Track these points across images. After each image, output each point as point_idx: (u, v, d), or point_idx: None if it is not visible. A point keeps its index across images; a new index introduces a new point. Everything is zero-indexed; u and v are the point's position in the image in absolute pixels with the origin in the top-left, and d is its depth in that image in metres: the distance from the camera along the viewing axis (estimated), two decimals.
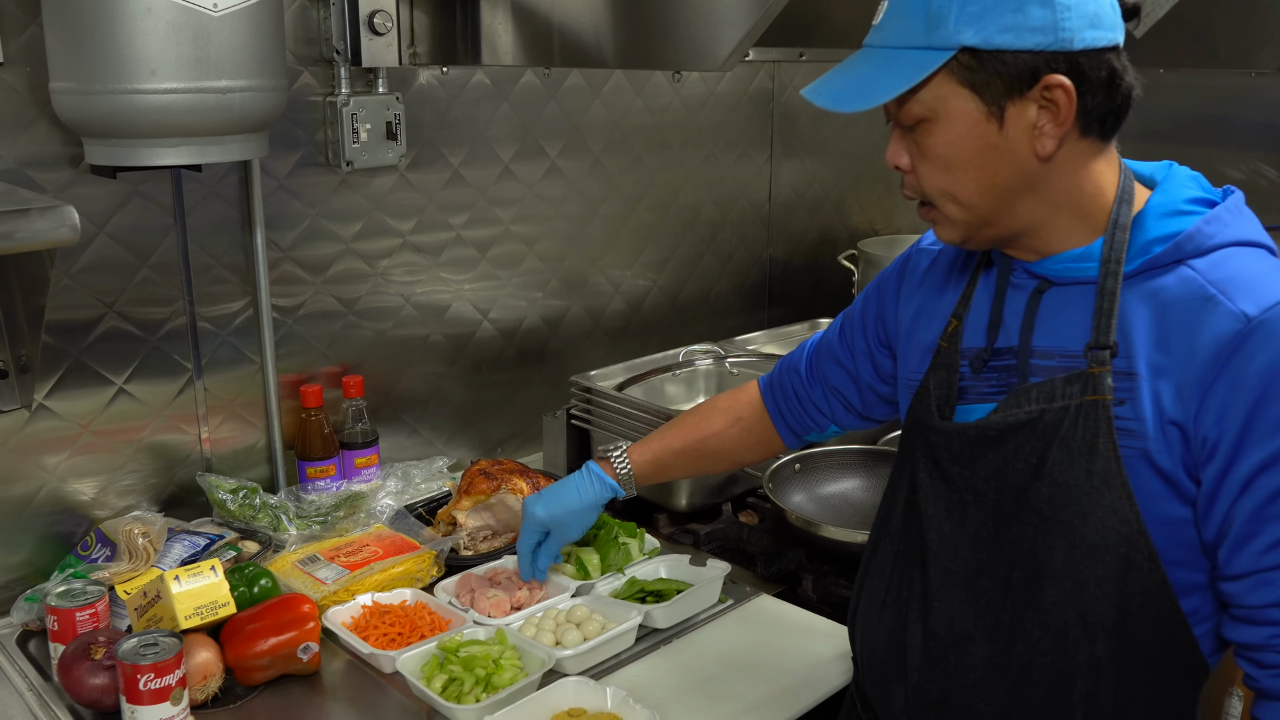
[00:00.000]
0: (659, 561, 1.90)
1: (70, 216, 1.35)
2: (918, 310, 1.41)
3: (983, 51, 1.13)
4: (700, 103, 2.73)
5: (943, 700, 1.31)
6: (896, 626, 1.36)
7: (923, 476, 1.33)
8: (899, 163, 1.24)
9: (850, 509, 2.16)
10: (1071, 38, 1.12)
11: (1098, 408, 1.17)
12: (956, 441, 1.28)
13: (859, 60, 1.22)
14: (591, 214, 2.57)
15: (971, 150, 1.18)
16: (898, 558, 1.38)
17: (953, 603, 1.29)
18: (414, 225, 2.24)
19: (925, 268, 1.43)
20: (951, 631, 1.29)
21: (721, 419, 1.72)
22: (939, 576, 1.31)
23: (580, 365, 2.53)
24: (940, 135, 1.18)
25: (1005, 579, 1.25)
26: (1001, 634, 1.26)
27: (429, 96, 2.20)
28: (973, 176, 1.19)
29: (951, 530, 1.30)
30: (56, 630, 1.60)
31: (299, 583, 1.78)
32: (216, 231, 1.97)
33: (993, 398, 1.27)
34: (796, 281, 3.15)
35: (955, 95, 1.16)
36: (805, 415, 1.65)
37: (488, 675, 1.53)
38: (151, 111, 1.59)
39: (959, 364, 1.31)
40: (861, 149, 3.23)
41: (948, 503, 1.30)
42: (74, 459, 1.88)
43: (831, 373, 1.60)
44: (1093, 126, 1.18)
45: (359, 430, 2.18)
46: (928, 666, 1.32)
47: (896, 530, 1.39)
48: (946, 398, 1.31)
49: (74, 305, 1.83)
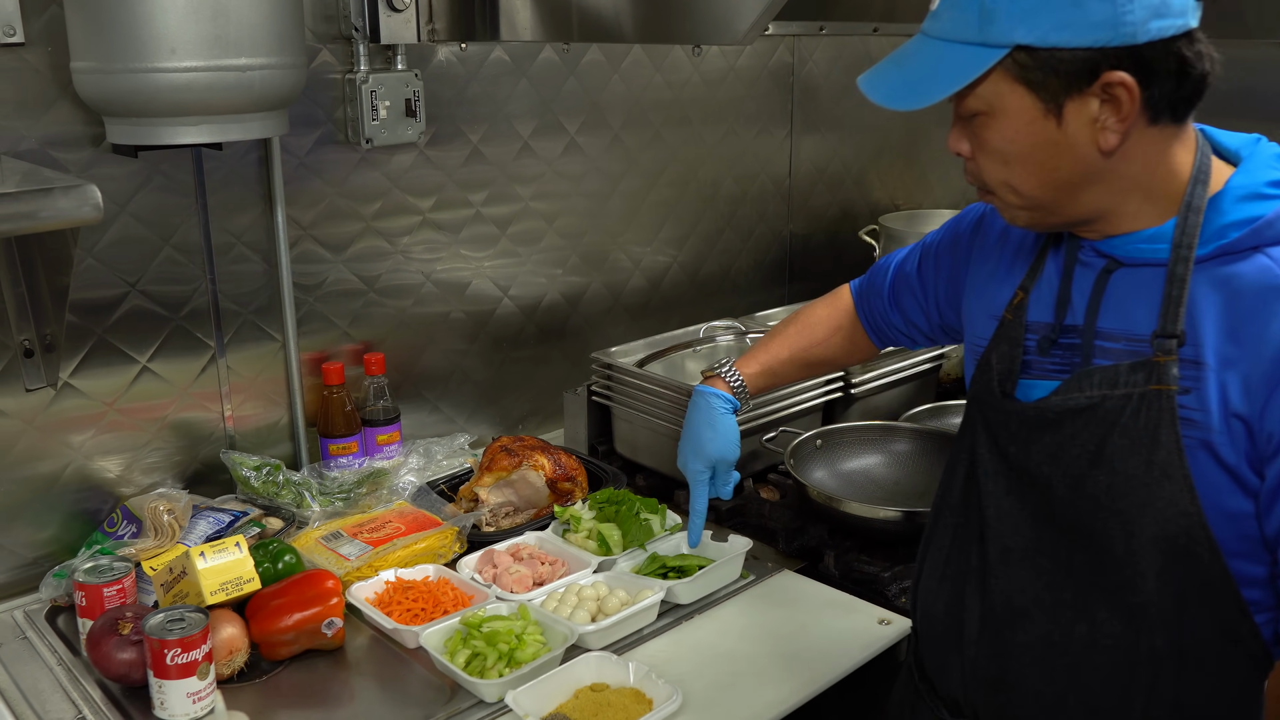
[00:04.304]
0: (681, 537, 1.90)
1: (93, 195, 1.36)
2: (989, 274, 1.38)
3: (1038, 49, 1.09)
4: (720, 77, 2.72)
5: (1000, 676, 1.29)
6: (954, 600, 1.35)
7: (982, 451, 1.31)
8: (959, 150, 1.22)
9: (872, 485, 2.16)
10: (1134, 31, 1.07)
11: (1161, 397, 1.14)
12: (1014, 421, 1.26)
13: (914, 51, 1.19)
14: (611, 190, 2.56)
15: (1030, 145, 1.15)
16: (957, 531, 1.36)
17: (1011, 579, 1.27)
18: (434, 203, 2.24)
19: (998, 231, 1.40)
20: (1009, 607, 1.27)
21: (824, 329, 1.75)
22: (998, 552, 1.28)
23: (601, 342, 2.53)
24: (997, 130, 1.16)
25: (1067, 560, 1.23)
26: (1062, 613, 1.23)
27: (448, 73, 2.19)
28: (1032, 170, 1.16)
29: (1010, 507, 1.27)
30: (84, 606, 1.62)
31: (322, 559, 1.79)
32: (238, 210, 1.97)
33: (1055, 376, 1.25)
34: (817, 257, 3.13)
35: (1011, 92, 1.13)
36: (892, 331, 1.68)
37: (511, 650, 1.54)
38: (172, 90, 1.59)
39: (1023, 338, 1.28)
40: (882, 123, 3.20)
41: (1006, 480, 1.28)
42: (99, 437, 1.89)
43: (908, 304, 1.61)
44: (1163, 114, 1.13)
45: (381, 407, 2.18)
46: (985, 641, 1.30)
47: (956, 503, 1.36)
48: (1009, 373, 1.29)
49: (97, 284, 1.84)
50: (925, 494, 2.11)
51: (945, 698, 1.39)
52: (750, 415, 2.17)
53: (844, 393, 2.36)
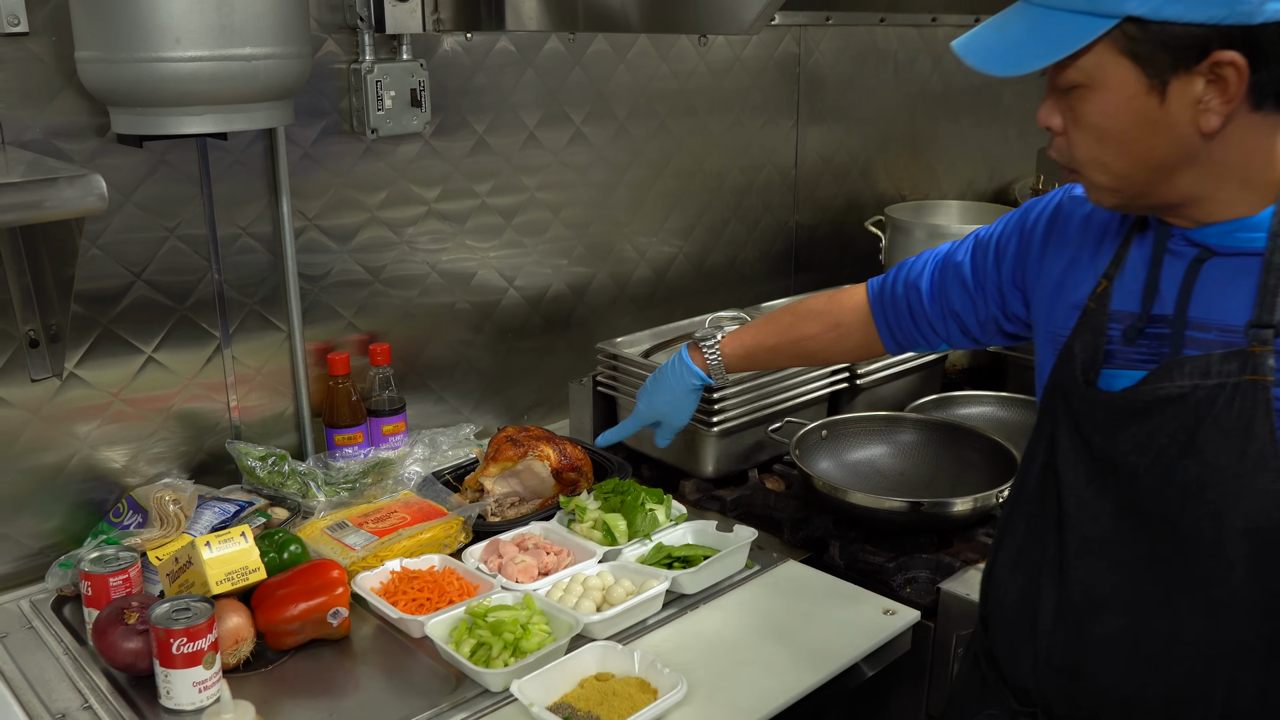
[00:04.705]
0: (686, 527, 1.90)
1: (98, 185, 1.36)
2: (1069, 264, 1.34)
3: (1149, 22, 1.06)
4: (726, 67, 2.71)
5: (1075, 667, 1.27)
6: (1029, 589, 1.32)
7: (1063, 441, 1.28)
8: (1050, 124, 1.19)
9: (877, 475, 2.16)
10: (1251, 11, 1.04)
11: (1256, 388, 1.11)
12: (1101, 410, 1.23)
13: (1015, 16, 1.16)
14: (617, 181, 2.56)
15: (1128, 123, 1.12)
16: (1032, 520, 1.33)
17: (1090, 571, 1.25)
18: (439, 193, 2.24)
19: (1080, 219, 1.36)
20: (1088, 599, 1.25)
21: (818, 323, 1.73)
22: (1076, 543, 1.26)
23: (606, 332, 2.53)
24: (1096, 104, 1.13)
25: (1149, 552, 1.21)
26: (1142, 605, 1.21)
27: (453, 63, 2.19)
28: (1127, 149, 1.14)
29: (1091, 498, 1.25)
30: (90, 595, 1.63)
31: (328, 549, 1.80)
32: (243, 200, 1.97)
33: (1142, 366, 1.22)
34: (823, 248, 3.13)
35: (1115, 65, 1.09)
36: (916, 331, 1.62)
37: (516, 640, 1.54)
38: (176, 80, 1.59)
39: (1107, 328, 1.25)
40: (889, 114, 3.19)
41: (1088, 470, 1.25)
42: (105, 427, 1.89)
43: (955, 296, 1.55)
44: (1268, 100, 1.10)
45: (386, 398, 2.18)
46: (1060, 632, 1.28)
47: (1033, 492, 1.34)
48: (1092, 362, 1.26)
49: (102, 274, 1.84)
50: (930, 484, 2.11)
51: (1015, 686, 1.36)
52: (756, 406, 2.18)
53: (849, 383, 2.36)
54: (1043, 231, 1.42)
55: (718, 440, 2.14)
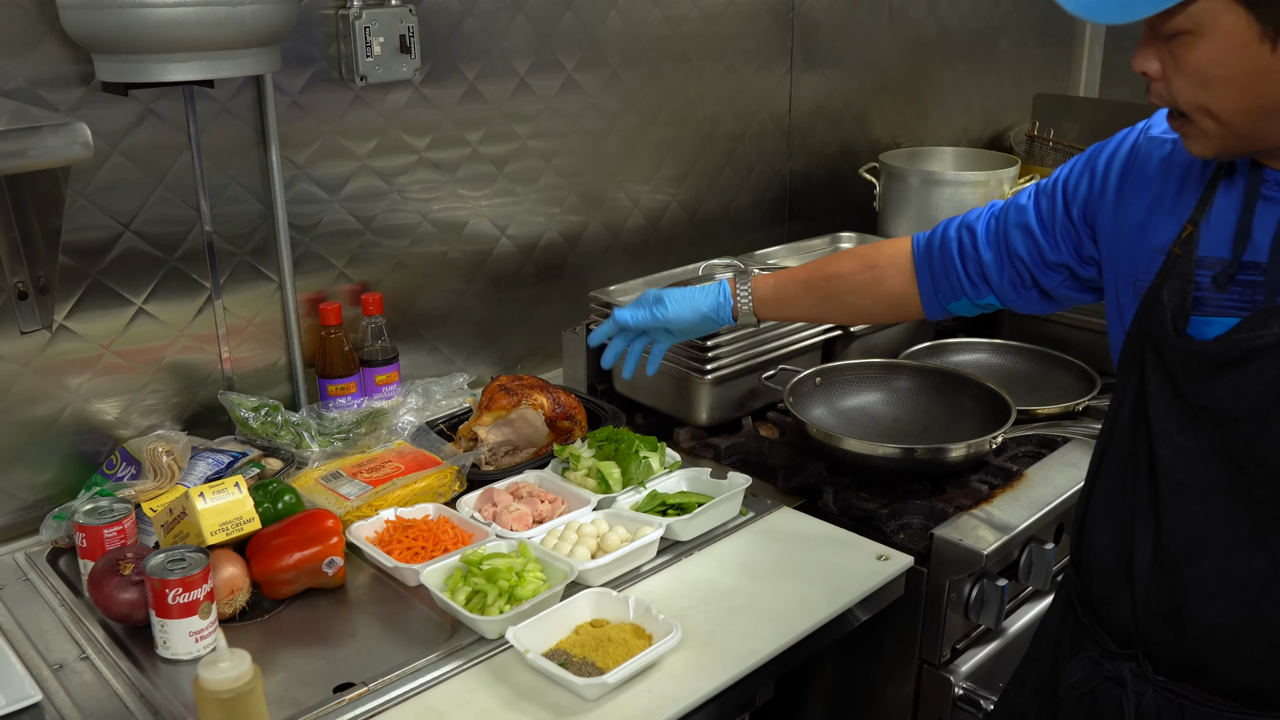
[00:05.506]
0: (680, 475, 1.90)
1: (83, 133, 1.34)
2: (1151, 206, 1.32)
3: None
4: (719, 13, 2.68)
5: (1176, 611, 1.27)
6: (1121, 534, 1.32)
7: (1152, 389, 1.27)
8: (1147, 69, 1.16)
9: (871, 422, 2.16)
10: None
11: None
12: (1195, 360, 1.22)
13: None
14: (609, 128, 2.53)
15: (1237, 70, 1.09)
16: (1122, 466, 1.33)
17: (1186, 515, 1.25)
18: (430, 141, 2.22)
19: (1159, 160, 1.33)
20: (1184, 544, 1.25)
21: (852, 262, 1.68)
22: (1171, 490, 1.26)
23: (599, 281, 2.51)
24: (1203, 51, 1.09)
25: (1246, 495, 1.20)
26: (1242, 547, 1.21)
27: (442, 8, 2.16)
28: (1235, 96, 1.11)
29: (1186, 445, 1.24)
30: (85, 547, 1.63)
31: (322, 499, 1.80)
32: (231, 150, 1.95)
33: (1234, 313, 1.20)
34: (817, 195, 3.11)
35: (1227, 11, 1.06)
36: (963, 279, 1.58)
37: (511, 588, 1.55)
38: (161, 25, 1.57)
39: (1194, 274, 1.24)
40: (884, 60, 3.16)
41: (1180, 417, 1.24)
42: (96, 379, 1.89)
43: (1016, 239, 1.51)
44: None
45: (379, 347, 2.18)
46: (1159, 576, 1.28)
47: (1123, 439, 1.33)
48: (1181, 309, 1.24)
49: (90, 226, 1.82)
50: (924, 431, 2.12)
51: (1113, 629, 1.37)
52: (750, 354, 2.17)
53: (843, 330, 2.35)
54: (1119, 173, 1.38)
55: (711, 388, 2.14)
